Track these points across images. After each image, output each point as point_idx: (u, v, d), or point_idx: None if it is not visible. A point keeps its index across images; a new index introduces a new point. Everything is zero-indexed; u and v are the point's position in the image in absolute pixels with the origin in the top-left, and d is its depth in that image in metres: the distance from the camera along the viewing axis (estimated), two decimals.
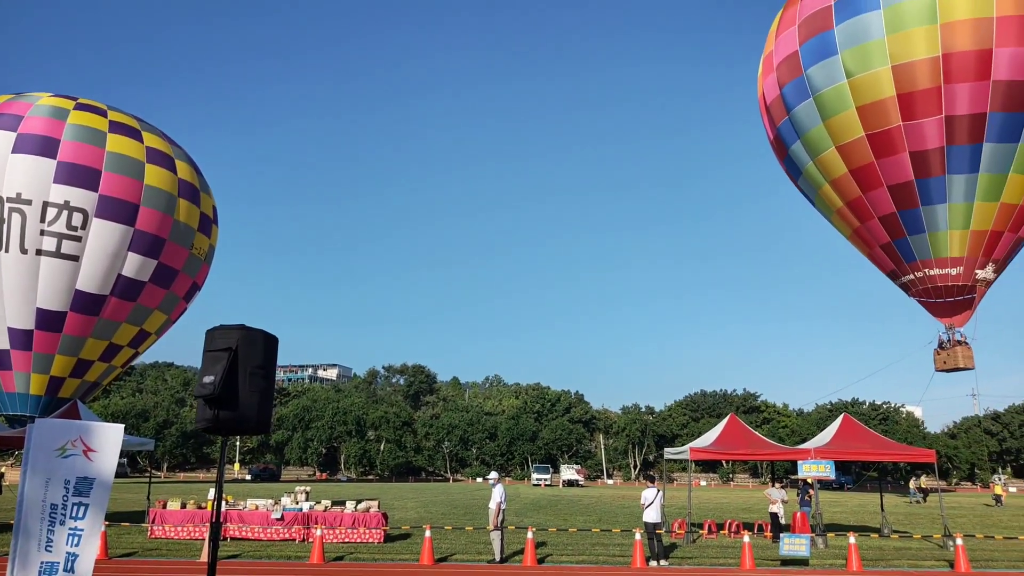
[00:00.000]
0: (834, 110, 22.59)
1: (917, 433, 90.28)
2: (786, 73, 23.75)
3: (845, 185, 23.47)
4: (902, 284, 24.09)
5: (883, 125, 21.89)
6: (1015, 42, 20.44)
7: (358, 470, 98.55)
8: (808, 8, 23.11)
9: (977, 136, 21.14)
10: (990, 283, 22.88)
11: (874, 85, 21.67)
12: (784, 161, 25.71)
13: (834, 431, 24.53)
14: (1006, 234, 22.17)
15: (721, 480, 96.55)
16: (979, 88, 20.77)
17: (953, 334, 23.26)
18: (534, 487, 75.88)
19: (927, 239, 22.63)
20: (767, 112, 25.42)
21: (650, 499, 18.60)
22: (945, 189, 21.84)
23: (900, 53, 21.18)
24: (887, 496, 59.99)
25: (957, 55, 20.72)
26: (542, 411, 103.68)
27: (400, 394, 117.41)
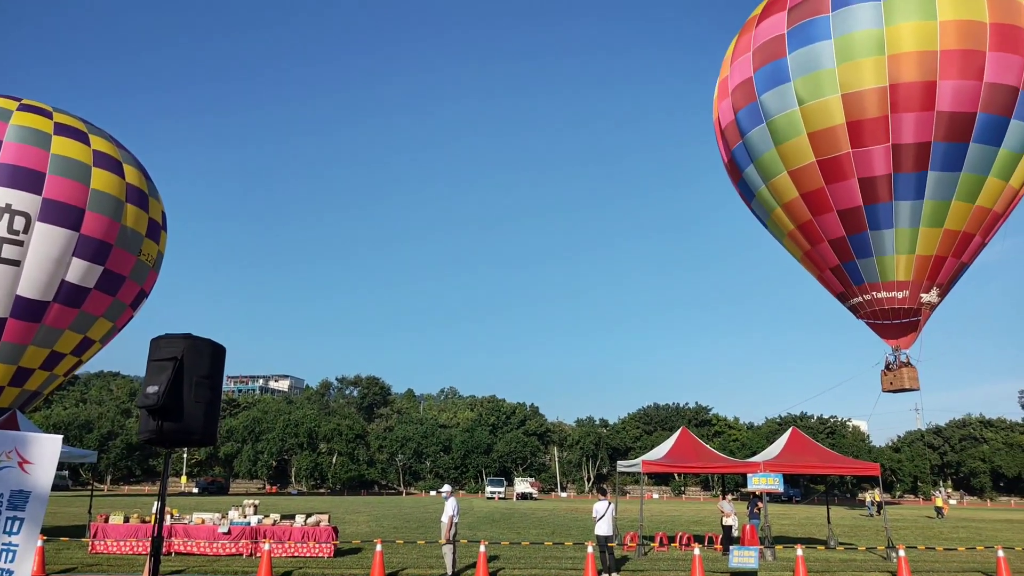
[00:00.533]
0: (786, 136, 23.12)
1: (863, 447, 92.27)
2: (741, 98, 24.26)
3: (796, 209, 24.02)
4: (851, 306, 24.70)
5: (833, 151, 22.46)
6: (957, 75, 21.16)
7: (309, 483, 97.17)
8: (762, 36, 23.64)
9: (922, 164, 21.81)
10: (934, 306, 23.58)
11: (825, 112, 22.23)
12: (738, 184, 26.22)
13: (783, 444, 25.01)
14: (949, 259, 22.88)
15: (673, 493, 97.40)
16: (924, 118, 21.44)
17: (899, 356, 23.90)
18: (488, 500, 75.71)
19: (875, 263, 23.23)
20: (722, 136, 25.92)
21: (602, 512, 18.69)
22: (892, 215, 22.47)
23: (849, 82, 21.78)
24: (836, 509, 61.23)
25: (903, 86, 21.37)
26: (497, 424, 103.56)
27: (353, 406, 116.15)
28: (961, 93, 21.22)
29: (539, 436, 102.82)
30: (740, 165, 25.31)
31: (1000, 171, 21.98)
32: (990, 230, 23.28)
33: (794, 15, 22.95)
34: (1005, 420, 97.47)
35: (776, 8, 23.68)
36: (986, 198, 22.21)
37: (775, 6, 23.80)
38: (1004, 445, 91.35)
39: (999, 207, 22.68)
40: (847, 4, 22.06)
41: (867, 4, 21.80)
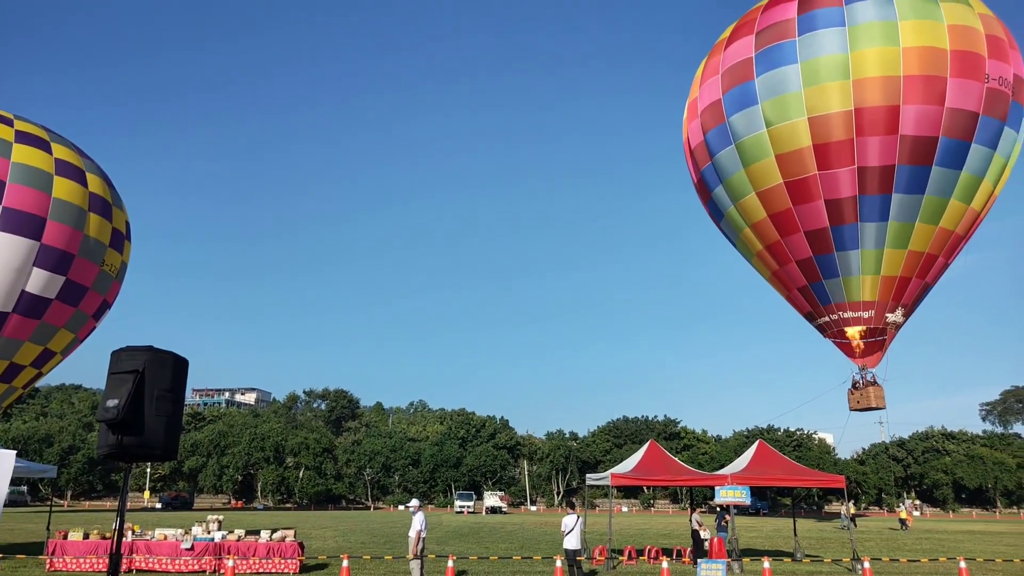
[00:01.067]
0: (754, 157, 23.43)
1: (829, 459, 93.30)
2: (710, 120, 24.54)
3: (764, 229, 24.31)
4: (818, 325, 25.02)
5: (800, 173, 22.80)
6: (920, 100, 21.62)
7: (275, 498, 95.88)
8: (731, 59, 23.97)
9: (887, 187, 22.21)
10: (900, 326, 23.98)
11: (792, 135, 22.58)
12: (708, 204, 26.49)
13: (750, 457, 25.17)
14: (914, 280, 23.30)
15: (642, 506, 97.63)
16: (888, 142, 21.86)
17: (866, 375, 24.25)
18: (457, 514, 75.26)
19: (841, 283, 23.58)
20: (691, 156, 26.18)
21: (571, 526, 18.69)
22: (858, 236, 22.83)
23: (816, 106, 22.15)
24: (803, 521, 61.77)
25: (868, 110, 21.79)
26: (467, 437, 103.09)
27: (321, 419, 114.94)
28: (924, 118, 21.68)
29: (509, 449, 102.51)
30: (709, 185, 25.58)
31: (962, 194, 22.47)
32: (953, 251, 23.76)
33: (762, 39, 23.30)
34: (966, 433, 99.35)
35: (744, 32, 24.04)
36: (949, 220, 22.68)
37: (743, 30, 24.15)
38: (965, 457, 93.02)
39: (961, 229, 23.17)
40: (813, 29, 22.46)
41: (833, 30, 22.23)
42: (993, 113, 21.98)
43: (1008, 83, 22.21)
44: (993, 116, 21.99)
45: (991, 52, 21.99)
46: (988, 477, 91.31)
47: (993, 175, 22.76)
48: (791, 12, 23.03)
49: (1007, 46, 22.59)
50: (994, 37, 22.28)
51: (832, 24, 22.26)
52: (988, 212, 23.94)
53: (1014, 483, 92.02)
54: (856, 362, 24.37)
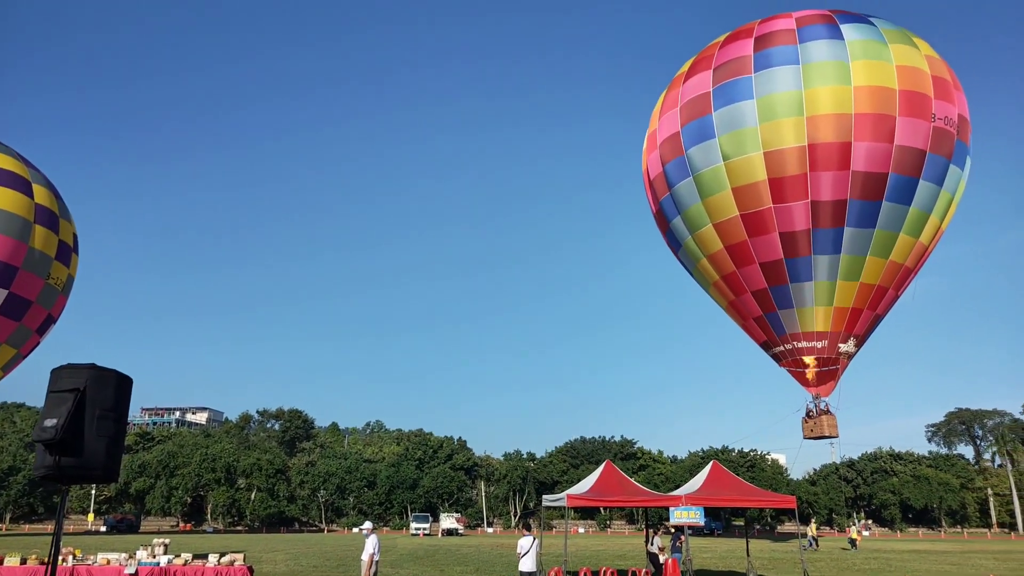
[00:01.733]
0: (712, 190, 23.86)
1: (781, 480, 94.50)
2: (669, 152, 24.95)
3: (721, 260, 24.73)
4: (773, 355, 25.46)
5: (756, 206, 23.27)
6: (871, 137, 22.28)
7: (226, 520, 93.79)
8: (689, 92, 24.44)
9: (839, 221, 22.79)
10: (852, 356, 24.52)
11: (748, 169, 23.06)
12: (666, 234, 26.86)
13: (704, 478, 25.31)
14: (865, 311, 23.88)
15: (599, 527, 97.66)
16: (840, 177, 22.46)
17: (819, 403, 24.71)
18: (412, 536, 74.41)
19: (795, 314, 24.06)
20: (651, 186, 26.56)
21: (526, 547, 18.65)
22: (811, 268, 23.35)
23: (771, 141, 22.68)
24: (758, 542, 62.41)
25: (821, 146, 22.38)
26: (424, 458, 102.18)
27: (275, 440, 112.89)
28: (874, 154, 22.34)
29: (466, 470, 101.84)
30: (668, 216, 25.95)
31: (910, 228, 23.15)
32: (902, 283, 24.43)
33: (719, 74, 23.82)
34: (913, 453, 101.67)
35: (702, 67, 24.55)
36: (898, 253, 23.33)
37: (701, 64, 24.67)
38: (912, 478, 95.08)
39: (910, 262, 23.84)
40: (769, 66, 23.05)
41: (787, 67, 22.83)
42: (939, 151, 22.74)
43: (953, 123, 23.02)
44: (939, 154, 22.75)
45: (937, 93, 22.79)
46: (933, 497, 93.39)
47: (940, 210, 23.51)
48: (748, 49, 23.61)
49: (952, 87, 23.44)
50: (940, 78, 23.10)
51: (787, 62, 22.87)
52: (935, 245, 24.70)
53: (958, 503, 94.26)
54: (810, 391, 24.84)
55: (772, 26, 24.08)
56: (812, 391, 24.77)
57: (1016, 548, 56.18)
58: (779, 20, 24.26)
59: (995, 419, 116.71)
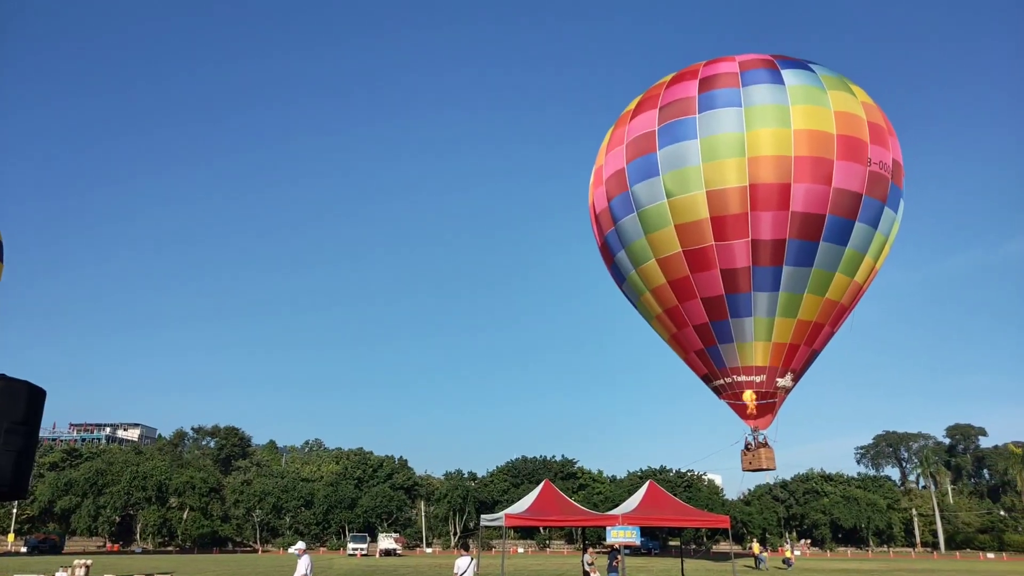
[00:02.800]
0: (655, 226, 24.33)
1: (717, 500, 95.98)
2: (614, 187, 25.37)
3: (664, 295, 25.19)
4: (714, 387, 25.98)
5: (698, 243, 23.80)
6: (809, 179, 23.03)
7: (156, 540, 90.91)
8: (635, 130, 24.93)
9: (778, 259, 23.44)
10: (789, 390, 25.17)
11: (691, 207, 23.59)
12: (611, 267, 27.26)
13: (640, 498, 25.55)
14: (802, 347, 24.57)
15: (538, 547, 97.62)
16: (780, 217, 23.13)
17: (757, 436, 25.28)
18: (349, 557, 73.34)
19: (735, 348, 24.62)
20: (596, 220, 26.94)
21: (464, 568, 18.51)
22: (751, 304, 23.95)
23: (714, 180, 23.25)
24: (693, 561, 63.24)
25: (762, 186, 23.03)
26: (363, 477, 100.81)
27: (210, 458, 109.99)
28: (812, 196, 23.08)
29: (406, 490, 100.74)
30: (613, 250, 26.34)
31: (846, 268, 23.95)
32: (838, 320, 25.22)
33: (664, 113, 24.36)
34: (843, 475, 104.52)
35: (648, 105, 25.07)
36: (834, 292, 24.10)
37: (647, 104, 25.19)
38: (842, 498, 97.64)
39: (846, 300, 24.65)
40: (712, 108, 23.67)
41: (730, 109, 23.48)
42: (874, 194, 23.62)
43: (888, 167, 23.96)
44: (874, 197, 23.63)
45: (873, 138, 23.71)
46: (862, 517, 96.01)
47: (875, 251, 24.39)
48: (692, 90, 24.20)
49: (886, 133, 24.42)
50: (875, 124, 24.04)
51: (730, 104, 23.52)
52: (870, 284, 25.58)
53: (884, 523, 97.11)
54: (749, 424, 25.39)
55: (716, 69, 24.76)
56: (751, 424, 25.34)
57: (938, 567, 58.16)
58: (723, 63, 24.96)
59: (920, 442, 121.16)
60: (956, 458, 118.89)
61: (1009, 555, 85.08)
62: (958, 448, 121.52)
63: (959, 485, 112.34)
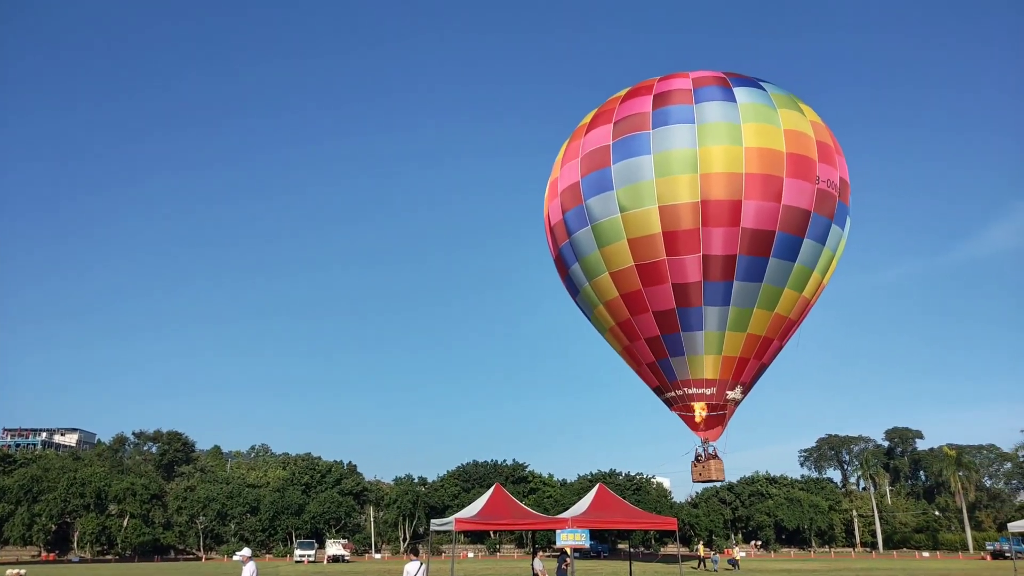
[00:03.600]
0: (609, 240, 24.52)
1: (665, 503, 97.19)
2: (569, 200, 25.48)
3: (616, 308, 25.39)
4: (665, 399, 26.26)
5: (650, 257, 24.05)
6: (760, 196, 23.42)
7: (95, 549, 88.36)
8: (590, 144, 25.08)
9: (729, 274, 23.80)
10: (738, 403, 25.58)
11: (644, 221, 23.82)
12: (565, 279, 27.38)
13: (590, 501, 25.63)
14: (752, 360, 25.00)
15: (488, 551, 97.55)
16: (731, 233, 23.48)
17: (707, 448, 25.64)
18: (296, 563, 72.30)
19: (686, 361, 24.92)
20: (551, 232, 27.02)
21: (413, 572, 18.44)
22: (702, 318, 24.27)
23: (667, 195, 23.50)
24: (642, 564, 63.85)
25: (713, 203, 23.35)
26: (311, 483, 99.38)
27: (151, 463, 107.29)
28: (762, 213, 23.49)
29: (355, 495, 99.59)
30: (567, 262, 26.46)
31: (795, 283, 24.44)
32: (786, 335, 25.71)
33: (619, 128, 24.55)
34: (787, 477, 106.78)
35: (603, 120, 25.24)
36: (783, 307, 24.57)
37: (602, 118, 25.36)
38: (786, 500, 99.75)
39: (794, 315, 25.15)
40: (666, 124, 23.94)
41: (684, 126, 23.77)
42: (822, 211, 24.14)
43: (835, 185, 24.53)
44: (822, 214, 24.15)
45: (821, 157, 24.24)
46: (805, 518, 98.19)
47: (822, 267, 24.94)
48: (647, 106, 24.44)
49: (834, 152, 25.00)
50: (823, 143, 24.59)
51: (683, 121, 23.81)
52: (817, 299, 26.14)
53: (826, 524, 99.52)
54: (699, 435, 25.74)
55: (670, 85, 25.05)
56: (701, 435, 25.69)
57: (877, 566, 59.79)
58: (677, 79, 25.26)
59: (860, 445, 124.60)
60: (894, 460, 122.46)
61: (943, 553, 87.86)
62: (896, 451, 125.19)
63: (897, 487, 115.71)
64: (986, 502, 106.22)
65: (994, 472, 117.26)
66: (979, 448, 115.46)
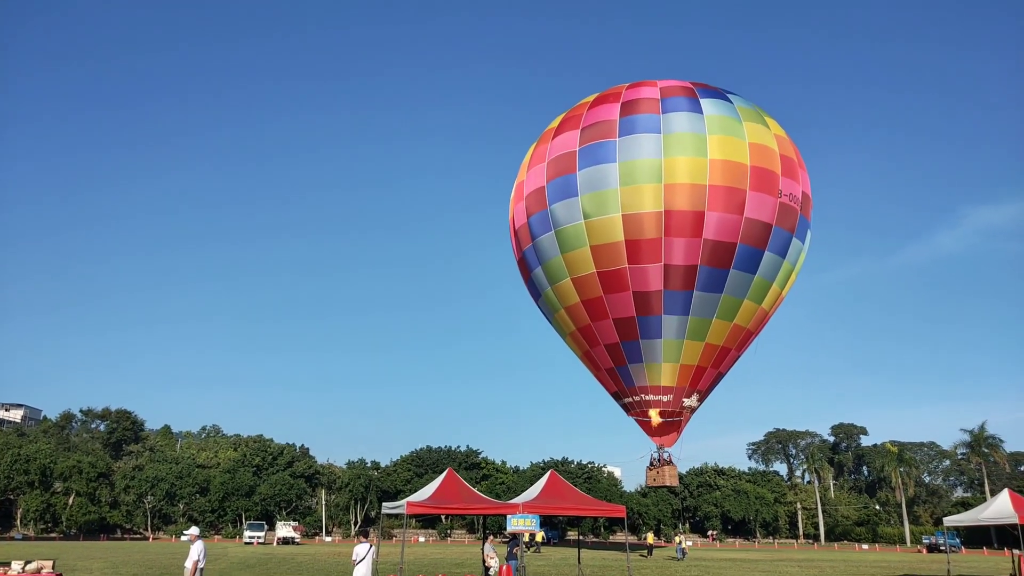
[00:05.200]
0: (572, 245, 24.63)
1: (615, 491, 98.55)
2: (534, 204, 25.50)
3: (577, 313, 25.55)
4: (623, 405, 26.55)
5: (612, 265, 24.21)
6: (722, 208, 23.69)
7: (39, 527, 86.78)
8: (557, 149, 25.11)
9: (689, 284, 24.07)
10: (694, 410, 25.97)
11: (607, 229, 23.96)
12: (528, 282, 27.45)
13: (541, 487, 25.86)
14: (709, 369, 25.36)
15: (440, 536, 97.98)
16: (692, 244, 23.73)
17: (662, 453, 26.03)
18: (246, 545, 71.78)
19: (644, 369, 25.20)
20: (515, 235, 27.04)
21: (362, 555, 18.52)
22: (661, 327, 24.54)
23: (631, 204, 23.65)
24: (592, 551, 64.69)
25: (677, 213, 23.56)
26: (262, 465, 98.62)
27: (99, 441, 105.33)
28: (725, 225, 23.76)
29: (307, 478, 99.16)
30: (530, 265, 26.52)
31: (754, 295, 24.81)
32: (744, 344, 26.13)
33: (586, 135, 24.60)
34: (735, 469, 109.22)
35: (570, 125, 25.27)
36: (742, 318, 24.95)
37: (570, 123, 25.38)
38: (733, 492, 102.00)
39: (752, 326, 25.57)
40: (632, 132, 24.04)
41: (650, 135, 23.91)
42: (784, 225, 24.52)
43: (797, 199, 24.92)
44: (783, 228, 24.53)
45: (784, 171, 24.58)
46: (751, 510, 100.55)
47: (781, 280, 25.38)
48: (614, 113, 24.51)
49: (797, 166, 25.37)
50: (787, 157, 24.93)
51: (650, 130, 23.94)
52: (776, 311, 26.61)
53: (771, 515, 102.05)
54: (655, 441, 26.10)
55: (638, 93, 25.14)
56: (656, 441, 26.05)
57: (818, 556, 61.47)
58: (645, 88, 25.37)
59: (807, 440, 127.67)
60: (839, 455, 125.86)
61: (881, 546, 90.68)
62: (841, 446, 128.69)
63: (840, 481, 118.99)
64: (924, 497, 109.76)
65: (933, 469, 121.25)
66: (920, 445, 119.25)
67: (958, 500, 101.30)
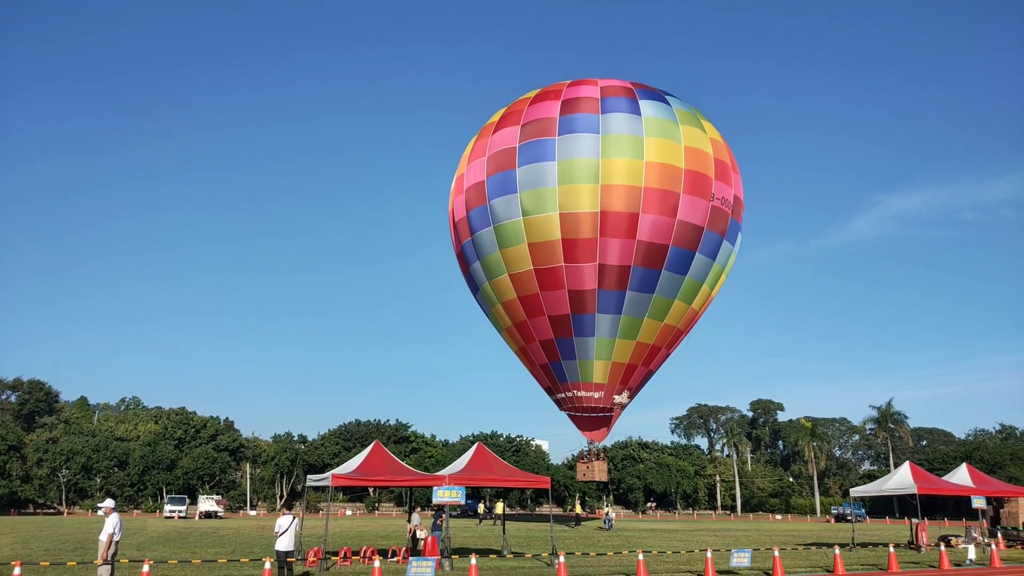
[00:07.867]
0: (510, 242, 24.77)
1: (543, 464, 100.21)
2: (474, 198, 25.50)
3: (514, 309, 25.79)
4: (556, 400, 27.02)
5: (549, 263, 24.49)
6: (656, 211, 24.17)
7: None
8: (497, 144, 25.10)
9: (622, 284, 24.56)
10: (624, 407, 26.63)
11: (545, 227, 24.18)
12: (466, 275, 27.48)
13: (468, 459, 26.16)
14: (639, 367, 26.00)
15: (367, 509, 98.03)
16: (627, 244, 24.18)
17: (593, 448, 26.65)
18: (166, 519, 70.47)
19: (577, 365, 25.68)
20: (455, 228, 27.01)
21: (285, 526, 18.50)
22: (595, 325, 25.01)
23: (568, 203, 23.90)
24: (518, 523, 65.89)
25: (612, 214, 23.94)
26: (185, 438, 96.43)
27: (10, 413, 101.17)
28: (658, 227, 24.27)
29: (231, 452, 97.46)
30: (468, 259, 26.56)
31: (685, 295, 25.47)
32: (674, 343, 26.85)
33: (526, 132, 24.66)
34: (658, 443, 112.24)
35: (511, 121, 25.27)
36: (672, 318, 25.60)
37: (510, 119, 25.38)
38: (656, 465, 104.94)
39: (682, 325, 26.26)
40: (572, 131, 24.23)
41: (588, 135, 24.13)
42: (715, 228, 25.17)
43: (728, 203, 25.59)
44: (714, 231, 25.18)
45: (717, 175, 25.18)
46: (672, 483, 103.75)
47: (711, 281, 26.08)
48: (554, 111, 24.62)
49: (730, 170, 26.01)
50: (721, 161, 25.53)
51: (589, 130, 24.16)
52: (705, 311, 27.38)
53: (691, 487, 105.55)
54: (586, 436, 26.71)
55: (579, 91, 25.29)
56: (587, 436, 26.66)
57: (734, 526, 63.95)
58: (585, 86, 25.52)
59: (727, 415, 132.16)
60: (757, 430, 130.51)
61: (793, 516, 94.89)
62: (759, 421, 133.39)
63: (757, 454, 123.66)
64: (835, 470, 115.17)
65: (843, 443, 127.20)
66: (832, 421, 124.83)
67: (865, 473, 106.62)
